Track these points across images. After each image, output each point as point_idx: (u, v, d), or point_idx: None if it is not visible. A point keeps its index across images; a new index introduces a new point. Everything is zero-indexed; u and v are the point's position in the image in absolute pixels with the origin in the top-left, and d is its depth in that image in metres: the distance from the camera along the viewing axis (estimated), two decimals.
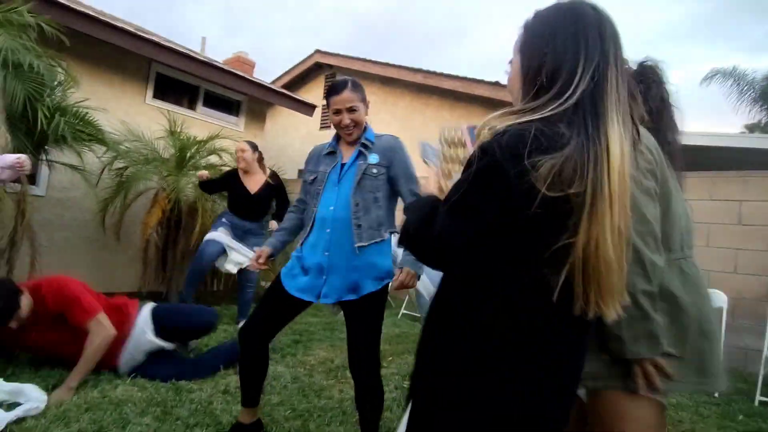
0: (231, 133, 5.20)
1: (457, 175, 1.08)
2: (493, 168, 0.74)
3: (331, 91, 1.80)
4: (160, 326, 2.50)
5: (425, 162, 1.11)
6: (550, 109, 0.77)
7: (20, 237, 3.34)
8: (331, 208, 1.79)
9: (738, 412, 2.86)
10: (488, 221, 0.76)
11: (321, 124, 8.54)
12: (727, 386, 1.16)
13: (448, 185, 1.23)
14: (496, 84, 5.98)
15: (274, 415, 2.17)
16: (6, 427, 1.74)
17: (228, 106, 5.79)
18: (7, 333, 2.20)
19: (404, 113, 7.38)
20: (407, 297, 5.19)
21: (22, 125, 3.00)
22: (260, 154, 3.89)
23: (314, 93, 8.71)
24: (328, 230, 1.77)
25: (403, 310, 5.14)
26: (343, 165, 1.85)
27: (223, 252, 3.68)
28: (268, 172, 3.90)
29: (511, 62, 0.93)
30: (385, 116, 7.49)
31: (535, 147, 0.72)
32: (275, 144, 8.28)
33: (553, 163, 0.71)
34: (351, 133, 1.83)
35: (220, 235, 3.68)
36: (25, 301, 2.19)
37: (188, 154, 4.51)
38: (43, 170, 4.00)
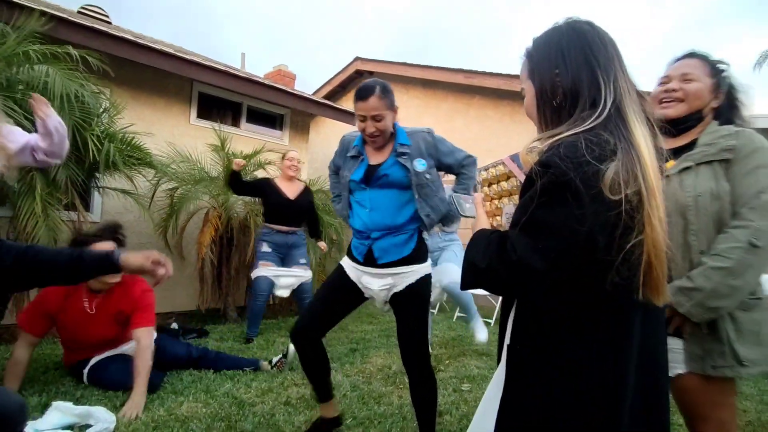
0: (276, 147, 5.26)
1: (510, 207, 1.11)
2: (560, 179, 0.75)
3: (358, 96, 1.74)
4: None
5: (461, 214, 1.14)
6: (590, 121, 0.80)
7: None
8: (367, 209, 1.81)
9: None
10: (565, 234, 0.76)
11: None
12: None
13: (500, 221, 1.24)
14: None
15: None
16: None
17: (271, 121, 5.87)
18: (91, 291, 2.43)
19: (447, 115, 7.22)
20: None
21: (72, 155, 3.11)
22: None
23: (352, 102, 8.75)
24: (367, 232, 1.81)
25: (457, 314, 5.00)
26: (371, 166, 1.80)
27: (273, 282, 3.75)
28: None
29: (523, 90, 0.97)
30: (428, 120, 7.37)
31: (590, 155, 0.75)
32: (320, 154, 8.37)
33: (615, 167, 0.74)
34: (375, 141, 1.78)
35: (265, 270, 3.74)
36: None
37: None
38: (96, 196, 4.17)
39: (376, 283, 1.80)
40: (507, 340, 0.91)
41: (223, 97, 5.28)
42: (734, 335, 1.16)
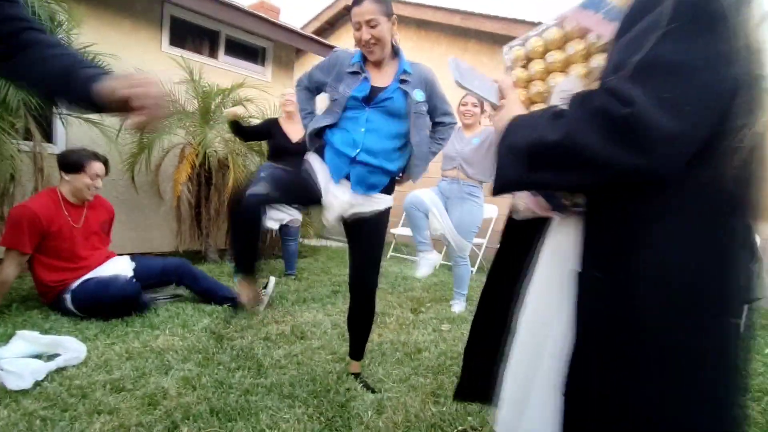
0: (257, 83, 4.93)
1: (567, 82, 0.82)
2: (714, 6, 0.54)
3: (353, 2, 1.66)
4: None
5: (461, 86, 0.90)
6: None
7: None
8: (362, 129, 1.71)
9: None
10: (707, 82, 0.55)
11: None
12: None
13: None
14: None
15: (315, 357, 2.14)
16: (47, 376, 1.71)
17: (253, 54, 5.49)
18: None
19: (441, 60, 6.85)
20: (444, 248, 5.06)
21: None
22: None
23: (344, 40, 8.26)
24: (357, 150, 1.71)
25: (441, 260, 5.03)
26: (375, 88, 1.72)
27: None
28: None
29: None
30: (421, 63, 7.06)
31: None
32: None
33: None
34: (372, 51, 1.68)
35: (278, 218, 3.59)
36: None
37: (212, 106, 4.33)
38: (59, 126, 3.87)
39: (345, 197, 1.74)
40: (576, 267, 0.72)
41: (198, 23, 4.87)
42: None
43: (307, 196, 1.78)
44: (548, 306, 0.81)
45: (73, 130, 3.84)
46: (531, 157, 0.67)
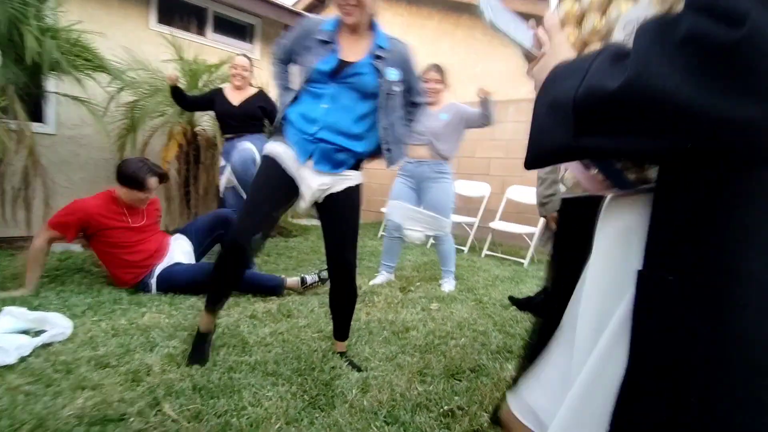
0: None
1: (636, 10, 0.58)
2: None
3: None
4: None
5: (494, 27, 0.69)
6: None
7: (32, 176, 3.28)
8: (324, 106, 1.63)
9: None
10: None
11: None
12: None
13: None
14: None
15: (302, 336, 2.14)
16: (33, 351, 1.72)
17: (241, 31, 5.42)
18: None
19: (433, 36, 6.78)
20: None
21: (11, 52, 2.78)
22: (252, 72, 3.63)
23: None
24: (316, 128, 1.64)
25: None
26: (343, 62, 1.62)
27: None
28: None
29: None
30: (413, 40, 6.86)
31: None
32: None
33: None
34: (349, 12, 1.59)
35: (225, 181, 3.47)
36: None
37: (200, 83, 4.28)
38: (49, 106, 3.84)
39: (316, 181, 1.68)
40: (637, 266, 0.55)
41: (186, 0, 4.79)
42: None
43: (287, 194, 1.72)
44: (600, 312, 0.62)
45: (63, 109, 3.79)
46: (580, 116, 0.51)
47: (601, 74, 0.49)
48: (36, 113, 3.65)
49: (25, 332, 1.84)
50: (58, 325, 1.87)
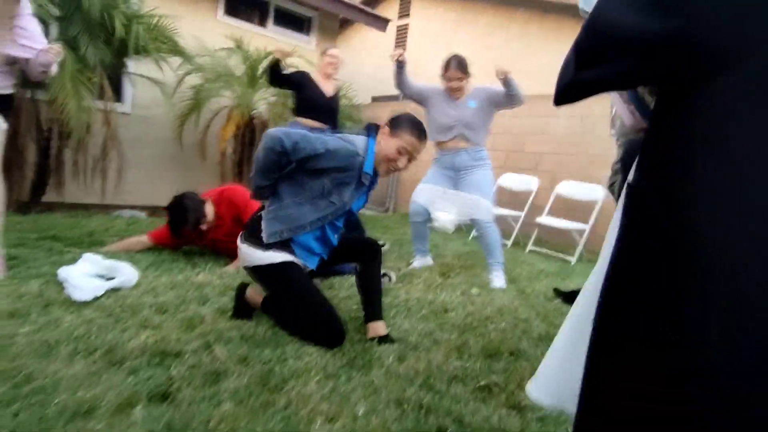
0: (303, 52, 5.08)
1: None
2: None
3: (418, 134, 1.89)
4: None
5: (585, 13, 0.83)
6: None
7: (110, 149, 3.60)
8: (336, 236, 1.94)
9: None
10: None
11: (395, 47, 8.13)
12: None
13: None
14: None
15: (342, 306, 2.20)
16: (105, 293, 1.92)
17: (299, 24, 5.65)
18: (196, 234, 2.66)
19: (485, 31, 6.73)
20: None
21: (101, 34, 3.07)
22: None
23: (390, 9, 8.23)
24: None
25: (474, 232, 5.01)
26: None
27: None
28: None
29: None
30: (464, 36, 6.90)
31: None
32: (348, 68, 8.08)
33: None
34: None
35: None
36: (209, 209, 2.63)
37: (259, 71, 4.50)
38: (128, 88, 4.18)
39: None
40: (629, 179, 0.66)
41: None
42: None
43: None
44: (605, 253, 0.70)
45: (138, 91, 4.12)
46: (577, 55, 0.61)
47: (586, 23, 0.59)
48: (116, 93, 3.99)
49: (99, 277, 2.05)
50: (126, 273, 2.06)
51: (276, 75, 3.48)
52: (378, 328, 1.86)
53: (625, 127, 0.80)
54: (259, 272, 1.80)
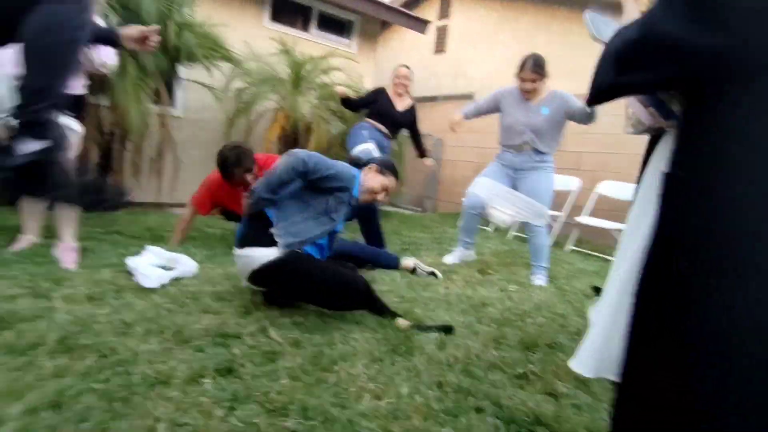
0: (344, 55, 5.25)
1: None
2: None
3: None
4: None
5: (597, 39, 0.94)
6: None
7: (165, 151, 3.86)
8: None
9: None
10: None
11: (435, 48, 8.18)
12: None
13: None
14: None
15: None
16: (169, 282, 2.10)
17: (341, 28, 5.82)
18: (242, 182, 2.75)
19: (527, 31, 6.66)
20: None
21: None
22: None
23: (430, 10, 8.29)
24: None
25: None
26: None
27: None
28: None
29: None
30: (505, 36, 6.87)
31: None
32: (388, 70, 8.19)
33: None
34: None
35: (370, 148, 3.61)
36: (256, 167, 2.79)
37: (302, 74, 4.68)
38: (180, 93, 4.46)
39: None
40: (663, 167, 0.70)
41: (295, 0, 5.26)
42: None
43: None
44: (640, 221, 0.77)
45: (189, 95, 4.39)
46: (618, 61, 0.69)
47: (628, 29, 0.68)
48: (169, 94, 4.27)
49: (162, 267, 2.24)
50: (186, 264, 2.25)
51: (351, 105, 4.02)
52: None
53: (644, 126, 0.86)
54: (269, 269, 1.89)
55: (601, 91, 0.74)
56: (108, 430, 1.07)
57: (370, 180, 2.18)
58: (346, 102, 4.02)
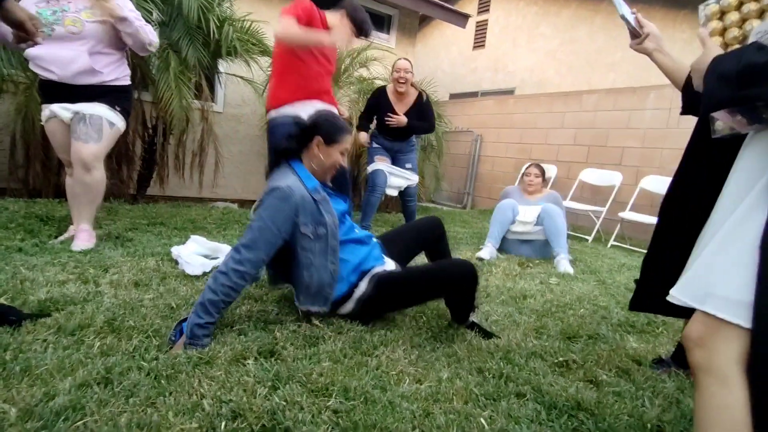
0: (383, 49, 5.25)
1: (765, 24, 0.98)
2: None
3: None
4: None
5: (625, 19, 1.23)
6: None
7: (207, 144, 3.97)
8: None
9: None
10: None
11: (474, 43, 8.08)
12: None
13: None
14: None
15: None
16: (211, 269, 2.16)
17: (379, 22, 5.82)
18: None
19: (568, 24, 6.48)
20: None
21: (199, 36, 3.39)
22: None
23: (469, 3, 8.22)
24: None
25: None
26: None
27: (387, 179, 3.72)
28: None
29: None
30: (546, 29, 6.70)
31: None
32: (426, 65, 8.15)
33: None
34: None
35: (381, 164, 3.70)
36: None
37: (342, 66, 4.70)
38: (220, 89, 4.55)
39: None
40: None
41: None
42: None
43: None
44: (737, 194, 0.90)
45: (229, 90, 4.49)
46: (741, 79, 0.83)
47: (752, 56, 0.83)
48: (210, 88, 4.38)
49: (205, 256, 2.30)
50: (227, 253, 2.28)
51: (364, 122, 3.78)
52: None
53: (734, 131, 0.96)
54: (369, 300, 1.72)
55: (719, 103, 0.87)
56: (155, 404, 1.09)
57: (325, 159, 1.72)
58: (359, 122, 3.78)
